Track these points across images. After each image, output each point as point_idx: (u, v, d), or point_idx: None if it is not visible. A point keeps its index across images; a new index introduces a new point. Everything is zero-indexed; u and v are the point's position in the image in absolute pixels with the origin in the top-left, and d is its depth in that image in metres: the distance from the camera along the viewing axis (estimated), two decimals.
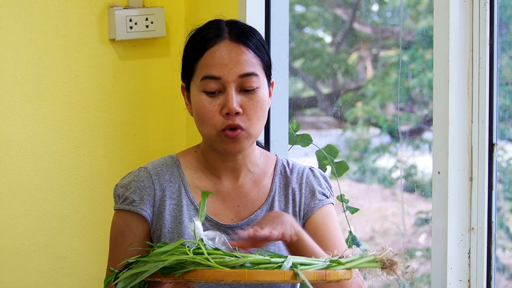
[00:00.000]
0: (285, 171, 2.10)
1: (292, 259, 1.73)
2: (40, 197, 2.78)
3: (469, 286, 2.22)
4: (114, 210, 2.05)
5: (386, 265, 1.80)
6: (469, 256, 2.22)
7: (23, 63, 2.74)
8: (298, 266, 1.72)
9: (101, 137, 2.87)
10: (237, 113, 1.96)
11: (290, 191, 2.08)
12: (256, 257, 1.72)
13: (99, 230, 2.86)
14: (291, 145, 2.77)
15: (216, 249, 1.75)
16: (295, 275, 1.70)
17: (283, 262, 1.72)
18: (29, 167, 2.76)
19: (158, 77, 2.96)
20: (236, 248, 1.78)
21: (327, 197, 2.10)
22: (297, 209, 2.08)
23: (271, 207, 2.06)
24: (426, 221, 2.78)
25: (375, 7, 3.14)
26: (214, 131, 1.97)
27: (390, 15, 3.04)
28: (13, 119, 2.73)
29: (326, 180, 2.13)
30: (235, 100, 1.96)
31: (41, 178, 2.78)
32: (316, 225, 2.07)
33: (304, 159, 2.78)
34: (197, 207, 2.02)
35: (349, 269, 1.78)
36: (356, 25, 3.11)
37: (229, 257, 1.71)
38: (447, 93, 2.19)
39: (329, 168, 2.71)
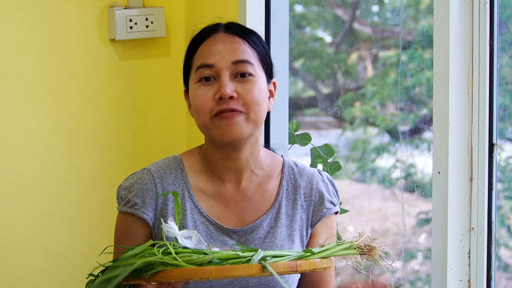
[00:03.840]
0: (294, 174, 2.07)
1: (263, 252, 1.71)
2: (40, 197, 2.78)
3: (469, 286, 2.22)
4: (118, 211, 2.05)
5: (364, 251, 1.78)
6: (469, 256, 2.22)
7: (23, 63, 2.74)
8: (268, 258, 1.71)
9: (101, 137, 2.87)
10: (231, 98, 1.93)
11: (298, 196, 2.05)
12: (225, 252, 1.72)
13: (99, 230, 2.86)
14: (290, 145, 2.77)
15: (185, 247, 1.75)
16: (263, 268, 1.69)
17: (252, 255, 1.71)
18: (29, 167, 2.76)
19: (158, 77, 2.96)
20: (209, 245, 1.77)
21: (334, 205, 2.07)
22: (305, 216, 2.05)
23: (278, 212, 2.03)
24: (426, 221, 2.78)
25: (375, 7, 3.14)
26: (207, 118, 1.95)
27: (390, 15, 3.04)
28: (13, 119, 2.73)
29: (334, 185, 2.10)
30: (228, 85, 1.93)
31: (41, 178, 2.78)
32: (319, 233, 2.05)
33: (304, 158, 2.78)
34: (201, 210, 2.01)
35: (325, 257, 1.76)
36: (356, 25, 3.11)
37: (197, 255, 1.71)
38: (447, 93, 2.19)
39: (320, 166, 2.70)
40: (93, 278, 1.81)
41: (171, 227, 1.77)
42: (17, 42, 2.72)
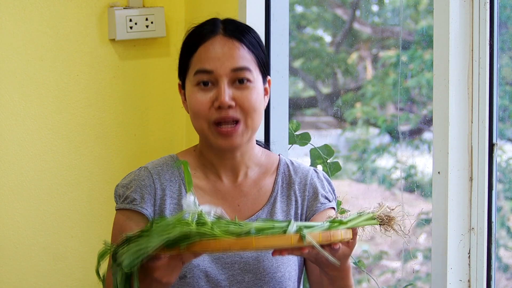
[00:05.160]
0: (289, 171, 2.09)
1: (295, 223, 1.71)
2: (40, 197, 2.78)
3: (469, 286, 2.22)
4: (116, 210, 2.04)
5: (384, 221, 1.80)
6: (469, 256, 2.22)
7: (23, 63, 2.74)
8: (303, 228, 1.69)
9: (101, 137, 2.87)
10: (230, 107, 1.95)
11: (292, 192, 2.07)
12: (259, 223, 1.69)
13: (99, 230, 2.86)
14: (290, 145, 2.77)
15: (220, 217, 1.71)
16: (302, 238, 1.68)
17: (287, 226, 1.69)
18: (29, 167, 2.76)
19: (158, 77, 2.96)
20: (236, 217, 1.76)
21: (329, 200, 2.08)
22: (299, 211, 2.06)
23: (273, 208, 2.04)
24: (426, 221, 2.78)
25: (375, 7, 3.14)
26: (206, 124, 1.97)
27: (390, 15, 3.04)
28: (13, 119, 2.73)
29: (330, 183, 2.11)
30: (227, 93, 1.95)
31: (41, 178, 2.78)
32: None
33: (304, 158, 2.78)
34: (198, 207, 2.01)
35: (349, 228, 1.77)
36: (356, 25, 3.11)
37: (234, 225, 1.67)
38: (447, 93, 2.19)
39: (319, 167, 2.70)
40: (108, 248, 1.76)
41: (192, 201, 1.74)
42: (17, 42, 2.72)
